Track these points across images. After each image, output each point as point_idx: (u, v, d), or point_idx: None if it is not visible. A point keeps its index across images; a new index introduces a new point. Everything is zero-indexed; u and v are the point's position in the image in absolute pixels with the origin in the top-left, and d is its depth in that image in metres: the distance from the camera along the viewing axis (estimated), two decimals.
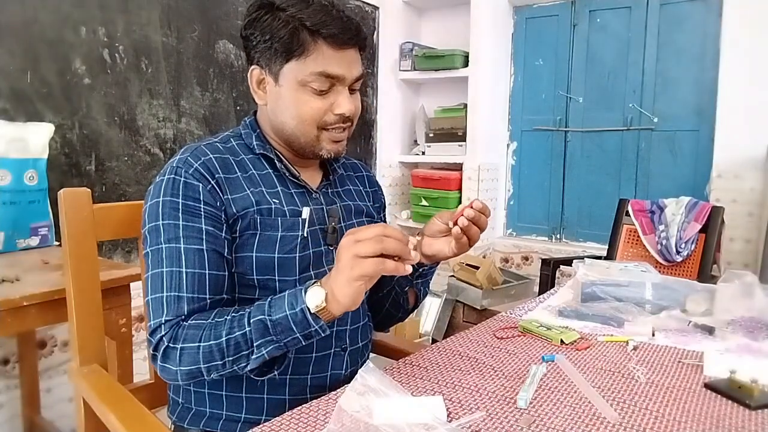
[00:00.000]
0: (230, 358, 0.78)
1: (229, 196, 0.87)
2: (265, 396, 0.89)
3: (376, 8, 2.99)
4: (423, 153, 3.12)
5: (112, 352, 1.25)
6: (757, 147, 2.27)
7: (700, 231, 2.04)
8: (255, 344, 0.77)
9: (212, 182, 0.86)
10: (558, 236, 3.03)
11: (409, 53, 3.07)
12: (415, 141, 3.24)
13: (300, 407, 0.76)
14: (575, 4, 2.86)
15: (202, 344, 0.78)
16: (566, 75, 2.92)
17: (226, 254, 0.86)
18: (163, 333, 0.80)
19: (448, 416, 0.73)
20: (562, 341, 0.99)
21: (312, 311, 0.75)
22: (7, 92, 1.61)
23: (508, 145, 3.15)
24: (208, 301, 0.83)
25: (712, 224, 2.03)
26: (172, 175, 0.86)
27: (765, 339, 1.01)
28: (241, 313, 0.79)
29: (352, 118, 0.93)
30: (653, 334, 1.04)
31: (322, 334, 0.78)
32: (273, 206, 0.89)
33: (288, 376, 0.89)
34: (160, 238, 0.84)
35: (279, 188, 0.93)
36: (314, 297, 0.75)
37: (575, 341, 1.00)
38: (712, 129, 2.49)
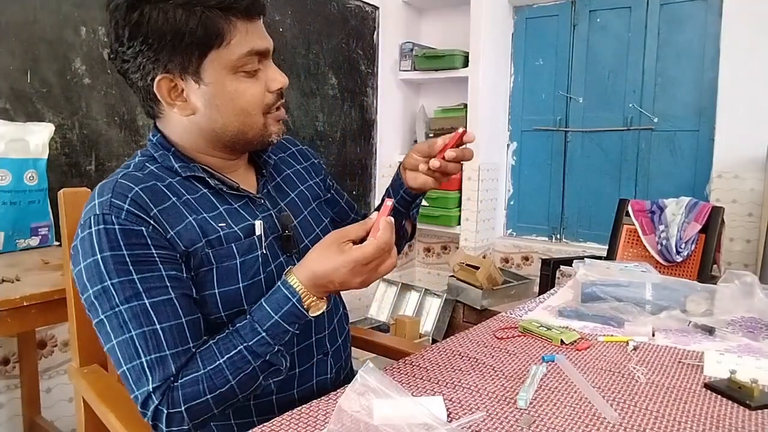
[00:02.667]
0: (244, 393, 0.76)
1: (172, 233, 0.76)
2: (255, 418, 0.85)
3: (376, 8, 2.99)
4: None
5: None
6: (757, 147, 2.27)
7: (700, 231, 2.04)
8: (264, 374, 0.77)
9: (151, 222, 0.75)
10: (558, 236, 3.03)
11: (409, 53, 3.07)
12: (415, 141, 3.24)
13: (300, 407, 0.76)
14: (575, 4, 2.86)
15: (209, 396, 0.73)
16: (566, 75, 2.91)
17: (194, 294, 0.78)
18: (156, 402, 0.71)
19: (448, 416, 0.73)
20: (562, 341, 0.99)
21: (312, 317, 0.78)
22: (7, 92, 1.61)
23: (508, 145, 3.14)
24: (193, 349, 0.75)
25: (712, 224, 2.03)
26: (101, 225, 0.73)
27: (765, 339, 1.01)
28: (239, 349, 0.74)
29: (284, 92, 0.86)
30: (653, 334, 1.04)
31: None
32: (221, 233, 0.80)
33: (274, 396, 0.86)
34: (114, 301, 0.72)
35: (221, 208, 0.83)
36: (318, 310, 0.77)
37: (575, 341, 1.00)
38: (712, 129, 2.49)
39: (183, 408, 0.72)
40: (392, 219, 0.75)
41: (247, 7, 0.78)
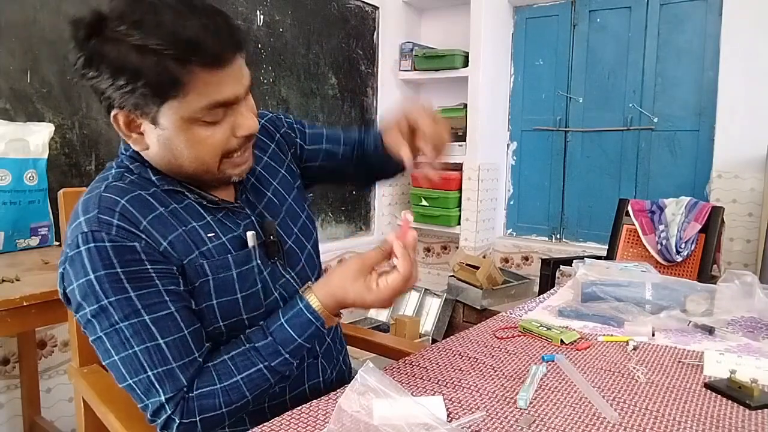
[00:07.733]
0: (255, 403, 0.79)
1: (165, 244, 0.74)
2: (248, 427, 0.83)
3: (376, 8, 2.99)
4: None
5: None
6: (757, 147, 2.27)
7: (700, 231, 2.04)
8: (277, 383, 0.80)
9: (143, 236, 0.73)
10: (558, 236, 3.03)
11: (409, 53, 3.07)
12: None
13: (300, 407, 0.76)
14: (575, 4, 2.86)
15: (225, 409, 0.74)
16: (566, 75, 2.91)
17: (193, 306, 0.77)
18: (169, 412, 0.72)
19: (448, 416, 0.73)
20: (562, 341, 0.99)
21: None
22: (7, 92, 1.61)
23: (508, 145, 3.14)
24: (199, 358, 0.75)
25: (712, 224, 2.03)
26: (91, 244, 0.70)
27: (765, 339, 1.01)
28: (258, 368, 0.76)
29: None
30: (653, 334, 1.04)
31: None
32: (211, 245, 0.78)
33: (266, 404, 0.86)
34: (112, 319, 0.71)
35: (208, 218, 0.80)
36: (333, 323, 0.80)
37: (575, 341, 1.00)
38: (712, 129, 2.49)
39: (198, 418, 0.73)
40: (414, 234, 0.78)
41: (213, 56, 0.69)
